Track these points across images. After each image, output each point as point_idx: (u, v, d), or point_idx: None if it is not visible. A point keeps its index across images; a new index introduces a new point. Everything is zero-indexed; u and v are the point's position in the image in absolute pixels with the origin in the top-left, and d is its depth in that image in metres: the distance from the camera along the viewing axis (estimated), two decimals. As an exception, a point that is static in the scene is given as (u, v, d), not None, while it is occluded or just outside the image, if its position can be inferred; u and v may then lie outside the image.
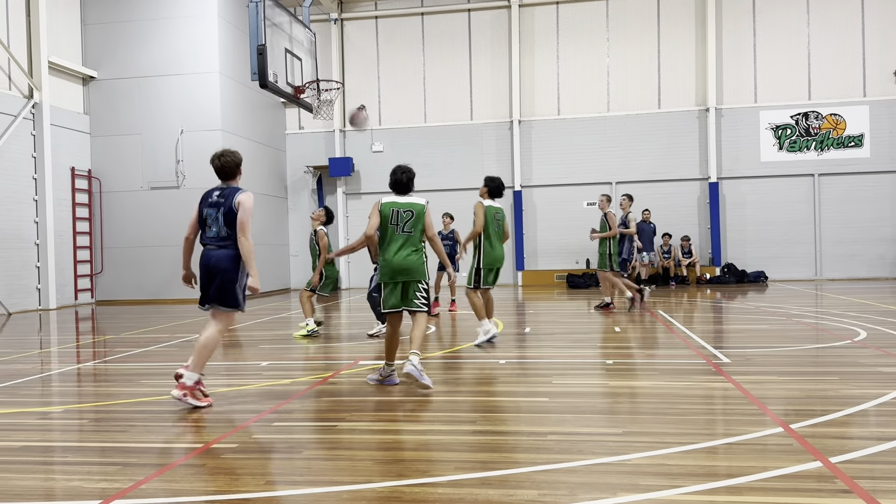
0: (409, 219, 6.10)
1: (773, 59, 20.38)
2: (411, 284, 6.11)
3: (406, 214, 6.10)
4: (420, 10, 21.95)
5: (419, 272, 6.10)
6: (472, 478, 3.70)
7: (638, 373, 6.70)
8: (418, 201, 6.21)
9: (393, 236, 6.09)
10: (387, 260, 6.07)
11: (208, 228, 5.63)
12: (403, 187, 6.24)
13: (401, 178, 6.23)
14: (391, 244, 6.08)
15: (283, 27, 13.16)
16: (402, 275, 6.06)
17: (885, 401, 5.12)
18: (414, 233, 6.10)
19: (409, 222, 6.10)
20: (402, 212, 6.11)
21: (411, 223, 6.10)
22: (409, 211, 6.11)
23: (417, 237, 6.12)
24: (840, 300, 13.67)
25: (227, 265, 5.52)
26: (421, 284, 6.12)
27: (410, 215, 6.10)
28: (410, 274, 6.07)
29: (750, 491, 3.40)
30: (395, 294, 6.10)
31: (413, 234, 6.09)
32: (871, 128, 19.89)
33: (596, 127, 21.12)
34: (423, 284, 6.13)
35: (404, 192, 6.25)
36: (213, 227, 5.59)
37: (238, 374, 7.27)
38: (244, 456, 4.26)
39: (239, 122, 19.24)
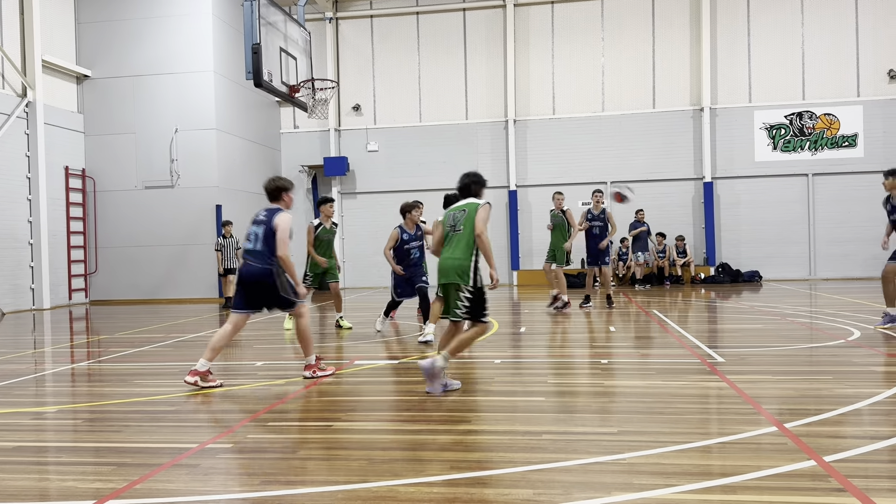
0: (461, 218, 5.94)
1: (768, 58, 20.43)
2: (449, 288, 5.92)
3: (460, 214, 5.97)
4: (415, 9, 21.95)
5: (458, 276, 5.80)
6: (467, 477, 3.70)
7: (633, 372, 6.71)
8: (474, 201, 5.99)
9: (447, 238, 6.01)
10: None
11: (249, 243, 6.38)
12: (463, 191, 6.14)
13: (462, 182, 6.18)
14: (445, 247, 6.01)
15: (278, 26, 13.14)
16: (442, 276, 5.95)
17: (878, 400, 5.14)
18: (463, 231, 5.86)
19: (460, 221, 5.94)
20: (457, 213, 6.00)
21: (462, 222, 5.92)
22: (463, 210, 5.96)
23: (466, 236, 5.84)
24: (834, 300, 13.71)
25: (263, 279, 6.25)
26: (461, 292, 5.81)
27: (464, 214, 5.94)
28: (447, 276, 5.88)
29: (744, 490, 3.41)
30: (442, 300, 6.07)
31: (462, 233, 5.87)
32: (865, 128, 19.96)
33: (591, 126, 21.14)
34: (463, 292, 5.80)
35: (464, 195, 6.13)
36: (252, 243, 6.35)
37: (233, 375, 7.25)
38: (239, 456, 4.25)
39: (233, 121, 19.20)
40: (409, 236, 9.93)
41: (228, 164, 18.83)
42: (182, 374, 7.09)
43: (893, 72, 19.75)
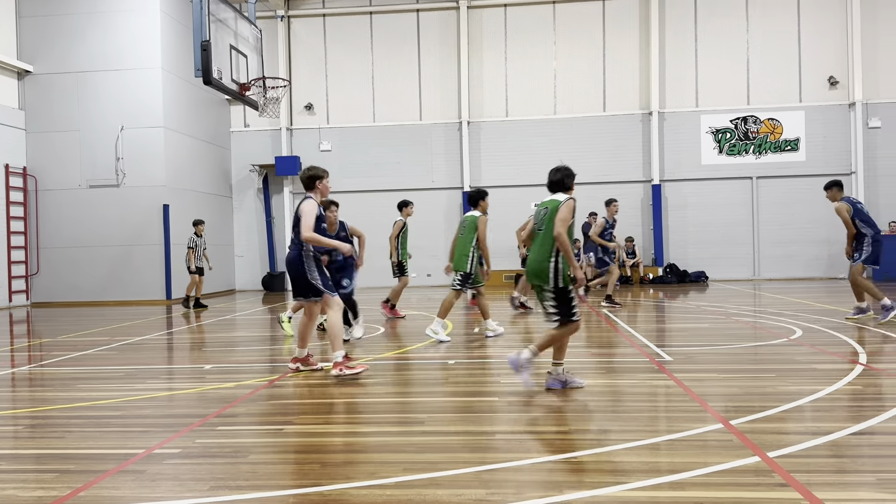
0: (543, 216, 5.78)
1: (714, 65, 20.95)
2: (537, 290, 5.82)
3: (543, 212, 5.81)
4: (368, 8, 21.86)
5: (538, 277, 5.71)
6: (421, 478, 3.70)
7: (584, 371, 6.79)
8: (556, 198, 5.78)
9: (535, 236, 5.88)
10: None
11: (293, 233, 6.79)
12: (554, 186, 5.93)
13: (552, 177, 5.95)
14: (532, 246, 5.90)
15: (228, 23, 12.94)
16: (529, 277, 5.87)
17: (819, 397, 5.31)
18: (544, 230, 5.72)
19: (542, 220, 5.78)
20: (541, 209, 5.86)
21: (544, 220, 5.75)
22: (546, 207, 5.80)
23: (545, 236, 5.70)
24: (777, 299, 14.12)
25: (293, 264, 6.66)
26: (545, 293, 5.71)
27: (546, 211, 5.77)
28: (531, 278, 5.82)
29: (692, 486, 3.48)
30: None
31: (543, 232, 5.73)
32: (807, 132, 20.63)
33: (543, 129, 21.36)
34: (547, 293, 5.69)
35: (554, 190, 5.92)
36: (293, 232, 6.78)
37: (180, 378, 7.11)
38: (187, 461, 4.17)
39: (182, 119, 18.82)
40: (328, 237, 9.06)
41: (176, 162, 18.45)
42: (127, 378, 6.93)
43: (833, 79, 20.46)
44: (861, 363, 6.63)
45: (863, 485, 3.46)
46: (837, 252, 20.50)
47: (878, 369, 6.37)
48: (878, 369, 6.37)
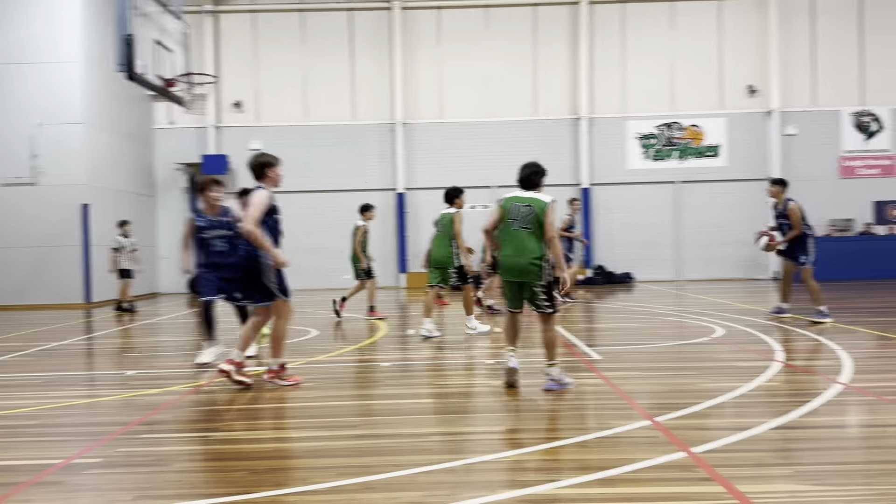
0: (527, 214, 5.80)
1: (640, 72, 21.55)
2: (524, 286, 5.85)
3: (526, 210, 5.82)
4: (300, 6, 21.55)
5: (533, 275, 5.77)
6: (354, 483, 3.66)
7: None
8: (541, 198, 5.89)
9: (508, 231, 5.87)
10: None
11: None
12: (524, 183, 6.01)
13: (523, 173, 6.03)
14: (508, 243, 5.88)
15: (153, 17, 12.56)
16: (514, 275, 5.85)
17: (740, 393, 5.52)
18: (532, 229, 5.77)
19: (527, 218, 5.81)
20: (521, 206, 5.84)
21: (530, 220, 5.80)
22: (529, 205, 5.83)
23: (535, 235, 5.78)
24: (699, 299, 14.62)
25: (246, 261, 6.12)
26: (537, 289, 5.77)
27: (530, 210, 5.81)
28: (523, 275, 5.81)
29: (621, 482, 3.56)
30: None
31: (530, 231, 5.78)
32: (728, 139, 21.45)
33: (477, 131, 21.51)
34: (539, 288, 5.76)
35: (525, 188, 6.00)
36: None
37: (101, 385, 6.84)
38: (109, 471, 4.00)
39: (103, 114, 18.11)
40: (208, 222, 7.32)
41: (97, 160, 17.74)
42: (45, 385, 6.62)
43: (753, 87, 21.34)
44: (779, 360, 6.92)
45: (782, 477, 3.60)
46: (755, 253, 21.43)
47: (795, 366, 6.67)
48: (795, 366, 6.67)
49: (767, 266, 21.25)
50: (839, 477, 3.61)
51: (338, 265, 20.08)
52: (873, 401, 5.19)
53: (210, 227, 7.41)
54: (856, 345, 7.87)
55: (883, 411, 4.89)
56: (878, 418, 4.73)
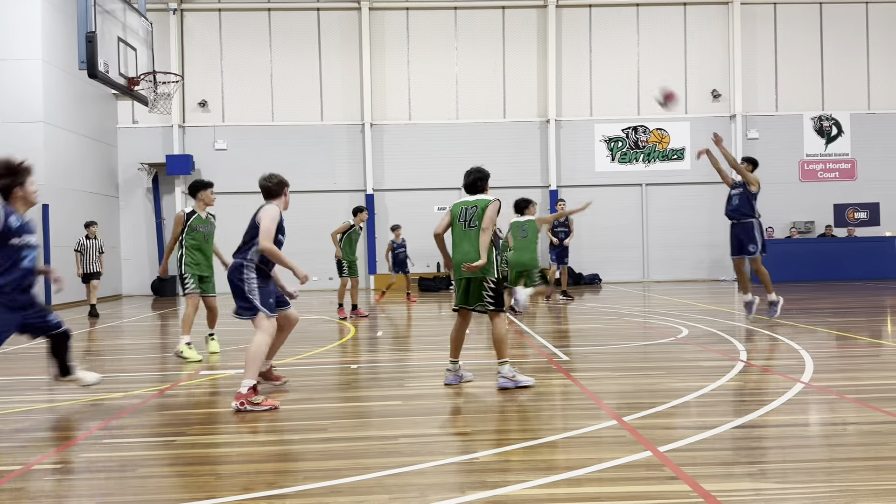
0: (474, 214, 6.03)
1: (607, 76, 21.78)
2: (473, 282, 6.07)
3: (472, 210, 6.04)
4: (267, 5, 21.37)
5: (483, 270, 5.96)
6: (322, 486, 3.62)
7: (485, 373, 6.87)
8: (485, 197, 6.11)
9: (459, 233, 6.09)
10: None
11: None
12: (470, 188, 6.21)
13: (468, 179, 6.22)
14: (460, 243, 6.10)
15: (116, 14, 12.31)
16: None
17: (705, 392, 5.59)
18: (478, 227, 5.98)
19: (474, 218, 6.02)
20: (469, 208, 6.07)
21: (476, 217, 6.01)
22: (475, 206, 6.06)
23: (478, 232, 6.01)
24: (665, 300, 14.80)
25: (234, 273, 5.78)
26: (486, 284, 6.02)
27: (475, 210, 6.03)
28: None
29: (588, 482, 3.58)
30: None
31: (477, 229, 5.99)
32: (692, 142, 21.78)
33: (446, 133, 21.54)
34: (488, 283, 6.02)
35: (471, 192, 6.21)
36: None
37: (62, 389, 6.68)
38: (70, 477, 3.91)
39: (64, 113, 17.75)
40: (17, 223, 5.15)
41: (57, 160, 17.37)
42: (2, 390, 6.45)
43: (716, 92, 21.69)
44: (742, 360, 7.04)
45: (746, 475, 3.66)
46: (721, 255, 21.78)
47: (758, 366, 6.78)
48: (758, 366, 6.78)
49: (731, 268, 21.62)
50: (802, 475, 3.67)
51: (307, 267, 19.95)
52: (834, 399, 5.30)
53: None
54: (817, 344, 8.04)
55: (844, 409, 4.99)
56: (839, 416, 4.83)
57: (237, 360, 7.91)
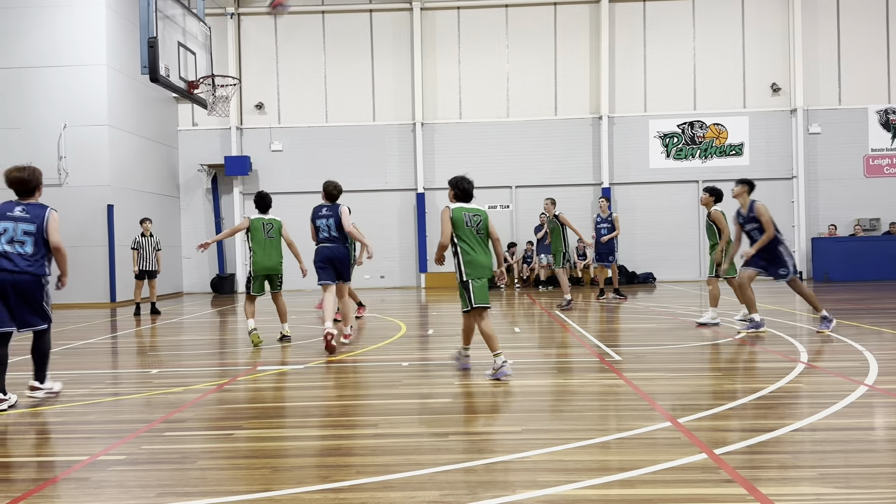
0: (479, 222, 6.61)
1: (662, 71, 21.39)
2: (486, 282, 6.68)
3: (476, 218, 6.61)
4: (321, 7, 21.67)
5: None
6: (374, 481, 3.67)
7: (536, 371, 6.86)
8: (482, 208, 6.79)
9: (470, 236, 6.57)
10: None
11: (324, 232, 8.65)
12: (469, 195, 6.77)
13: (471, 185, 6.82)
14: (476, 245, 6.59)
15: (176, 20, 12.67)
16: (487, 272, 6.60)
17: (763, 394, 5.46)
18: (484, 234, 6.64)
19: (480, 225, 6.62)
20: (471, 215, 6.60)
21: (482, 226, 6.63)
22: (478, 214, 6.64)
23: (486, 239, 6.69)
24: (722, 300, 14.45)
25: (345, 256, 8.71)
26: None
27: (480, 218, 6.63)
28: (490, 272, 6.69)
29: (641, 483, 3.54)
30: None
31: (484, 235, 6.64)
32: (751, 137, 21.22)
33: (496, 131, 21.49)
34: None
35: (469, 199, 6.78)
36: (326, 232, 8.64)
37: (126, 383, 6.93)
38: (133, 468, 4.06)
39: (127, 117, 18.36)
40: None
41: (121, 162, 17.98)
42: (71, 383, 6.71)
43: (776, 86, 21.09)
44: (802, 362, 6.84)
45: (805, 479, 3.56)
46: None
47: (819, 368, 6.59)
48: (819, 368, 6.59)
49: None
50: (864, 480, 3.56)
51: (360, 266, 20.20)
52: (900, 403, 5.12)
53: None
54: (882, 346, 7.76)
55: (909, 413, 4.81)
56: (904, 420, 4.66)
57: (291, 356, 8.07)
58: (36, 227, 5.80)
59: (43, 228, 5.81)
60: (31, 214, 5.85)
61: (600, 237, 14.65)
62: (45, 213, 5.88)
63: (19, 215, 5.83)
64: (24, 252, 5.73)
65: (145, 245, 14.27)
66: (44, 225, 5.82)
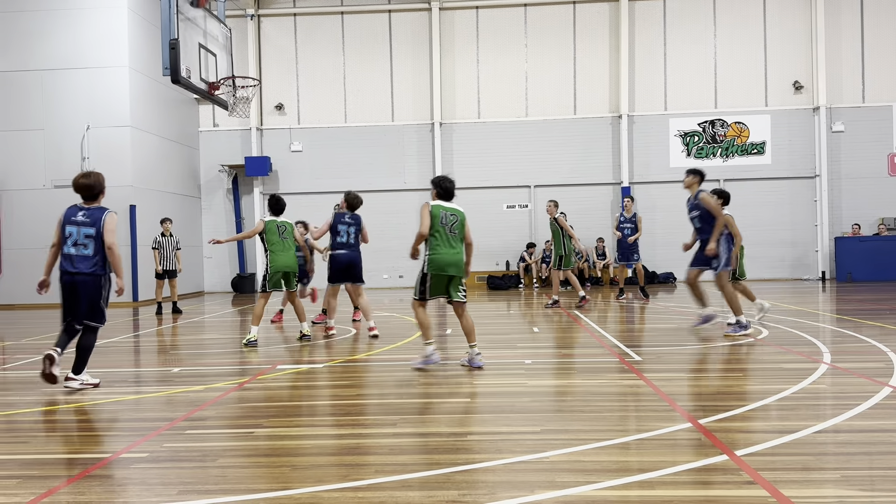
0: (454, 221, 6.89)
1: (682, 69, 21.22)
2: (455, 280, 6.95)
3: (452, 218, 6.88)
4: (340, 8, 21.75)
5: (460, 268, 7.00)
6: (393, 480, 3.68)
7: (555, 372, 6.84)
8: (461, 208, 7.07)
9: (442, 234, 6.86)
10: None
11: (342, 237, 9.50)
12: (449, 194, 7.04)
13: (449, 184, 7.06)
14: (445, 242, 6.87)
15: (197, 21, 12.78)
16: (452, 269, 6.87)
17: (785, 395, 5.40)
18: (459, 234, 6.92)
19: (455, 224, 6.90)
20: (448, 214, 6.88)
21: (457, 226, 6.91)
22: (454, 214, 6.92)
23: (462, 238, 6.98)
24: (743, 300, 14.30)
25: (358, 261, 9.65)
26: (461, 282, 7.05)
27: (455, 218, 6.91)
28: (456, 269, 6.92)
29: (661, 485, 3.52)
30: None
31: (458, 235, 6.93)
32: (773, 136, 20.99)
33: (515, 131, 21.45)
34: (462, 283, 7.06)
35: (449, 198, 7.05)
36: (345, 237, 9.52)
37: (148, 381, 7.01)
38: (155, 465, 4.10)
39: (149, 118, 18.55)
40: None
41: (143, 162, 18.18)
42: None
43: (798, 83, 20.84)
44: (825, 362, 6.76)
45: (828, 482, 3.52)
46: (798, 254, 20.95)
47: (843, 368, 6.50)
48: (843, 368, 6.50)
49: (816, 266, 20.80)
50: (889, 482, 3.51)
51: (377, 265, 20.26)
52: (925, 405, 5.04)
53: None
54: (907, 347, 7.64)
55: (936, 415, 4.74)
56: (930, 423, 4.59)
57: (311, 355, 8.12)
58: (95, 231, 6.25)
59: (100, 230, 6.22)
60: (91, 218, 6.32)
61: (625, 237, 14.60)
62: (102, 216, 6.33)
63: (81, 220, 6.37)
64: (85, 254, 6.26)
65: (166, 245, 14.38)
66: (101, 226, 6.24)
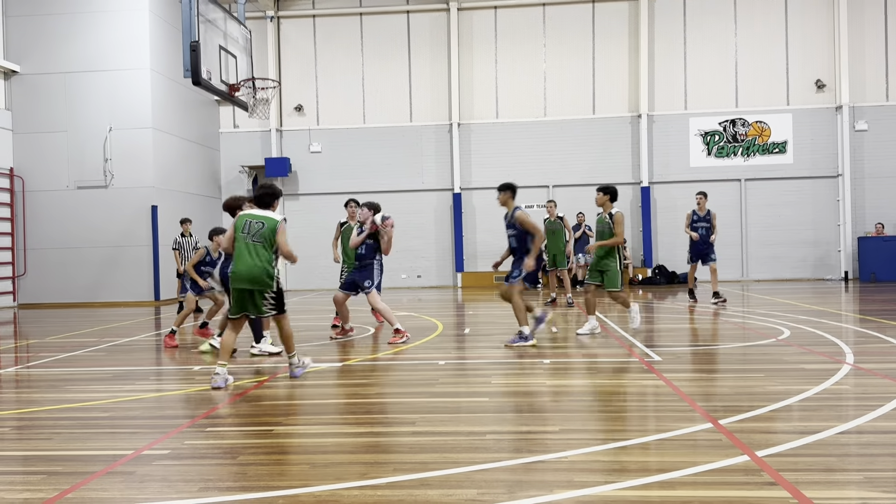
0: (259, 229, 6.45)
1: (703, 68, 21.05)
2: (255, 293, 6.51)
3: (258, 226, 6.45)
4: (359, 10, 21.83)
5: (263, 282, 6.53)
6: (411, 479, 3.69)
7: (574, 371, 6.81)
8: (272, 215, 6.59)
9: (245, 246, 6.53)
10: None
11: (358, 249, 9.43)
12: (260, 202, 6.69)
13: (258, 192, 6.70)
14: (244, 256, 6.50)
15: (218, 23, 12.89)
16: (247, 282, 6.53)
17: (807, 396, 5.34)
18: (266, 242, 6.45)
19: (259, 232, 6.45)
20: (254, 222, 6.50)
21: (262, 233, 6.46)
22: (261, 222, 6.46)
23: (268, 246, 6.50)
24: (765, 300, 14.19)
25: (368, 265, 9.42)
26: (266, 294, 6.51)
27: (262, 226, 6.45)
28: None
29: (681, 485, 3.50)
30: None
31: (264, 244, 6.47)
32: (794, 135, 20.76)
33: (533, 131, 21.39)
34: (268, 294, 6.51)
35: (261, 206, 6.69)
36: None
37: (169, 379, 7.07)
38: (176, 462, 4.14)
39: (171, 119, 18.73)
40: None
41: (165, 163, 18.37)
42: (116, 379, 6.87)
43: (821, 82, 20.60)
44: (848, 363, 6.68)
45: (851, 483, 3.48)
46: (818, 255, 20.70)
47: (865, 369, 6.42)
48: (865, 369, 6.42)
49: (838, 266, 20.54)
50: (914, 484, 3.46)
51: (396, 264, 20.28)
52: (952, 406, 4.96)
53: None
54: (933, 348, 7.53)
55: (962, 417, 4.66)
56: (956, 424, 4.51)
57: (329, 354, 8.15)
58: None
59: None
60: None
61: (703, 237, 14.12)
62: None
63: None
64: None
65: (185, 245, 14.48)
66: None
